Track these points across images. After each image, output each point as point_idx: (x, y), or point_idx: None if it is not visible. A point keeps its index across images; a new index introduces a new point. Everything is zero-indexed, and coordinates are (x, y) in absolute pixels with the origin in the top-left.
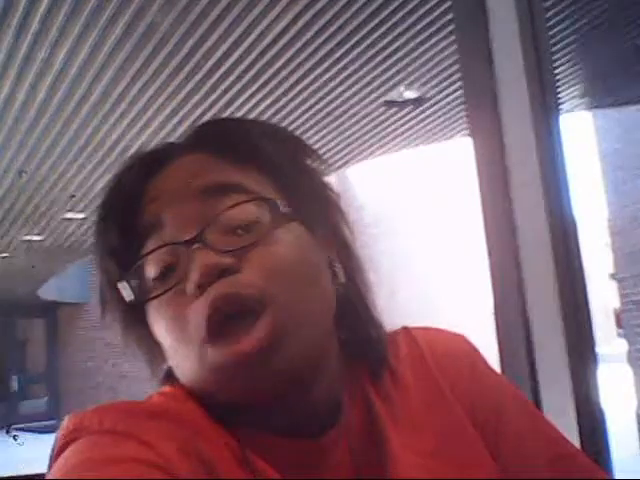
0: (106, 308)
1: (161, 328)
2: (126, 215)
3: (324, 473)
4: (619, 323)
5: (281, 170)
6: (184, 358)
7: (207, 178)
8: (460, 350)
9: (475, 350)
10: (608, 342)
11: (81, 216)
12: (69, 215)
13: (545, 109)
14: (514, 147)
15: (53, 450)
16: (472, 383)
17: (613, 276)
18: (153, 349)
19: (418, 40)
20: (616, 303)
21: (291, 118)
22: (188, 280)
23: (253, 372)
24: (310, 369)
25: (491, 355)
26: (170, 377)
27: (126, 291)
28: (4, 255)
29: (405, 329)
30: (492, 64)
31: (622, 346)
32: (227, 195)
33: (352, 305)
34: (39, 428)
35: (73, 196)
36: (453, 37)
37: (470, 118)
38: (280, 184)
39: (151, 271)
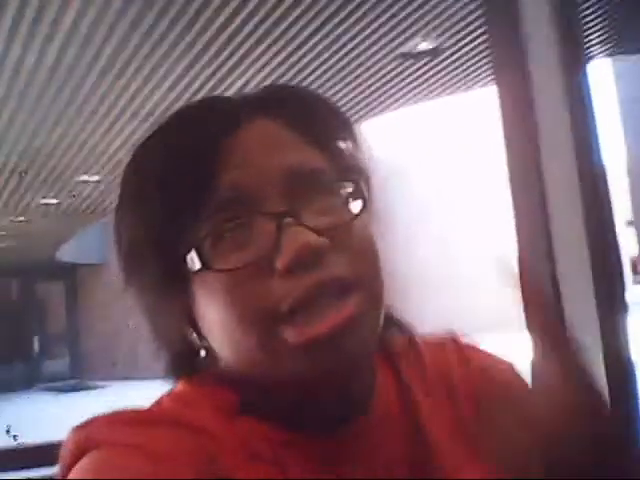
0: (138, 270)
1: (221, 301)
2: (195, 173)
3: (352, 465)
4: (635, 269)
5: (339, 152)
6: (248, 333)
7: (291, 156)
8: (510, 381)
9: (524, 382)
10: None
11: (96, 178)
12: (84, 177)
13: (574, 54)
14: (542, 94)
15: (61, 465)
16: (517, 418)
17: (631, 222)
18: (182, 323)
19: None
20: (634, 250)
21: (305, 73)
22: (279, 257)
23: (331, 353)
24: (369, 354)
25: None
26: (189, 361)
27: (194, 257)
28: (21, 219)
29: (454, 340)
30: (518, 12)
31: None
32: (312, 177)
33: None
34: (61, 387)
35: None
36: None
37: (495, 67)
38: (337, 165)
39: (217, 238)
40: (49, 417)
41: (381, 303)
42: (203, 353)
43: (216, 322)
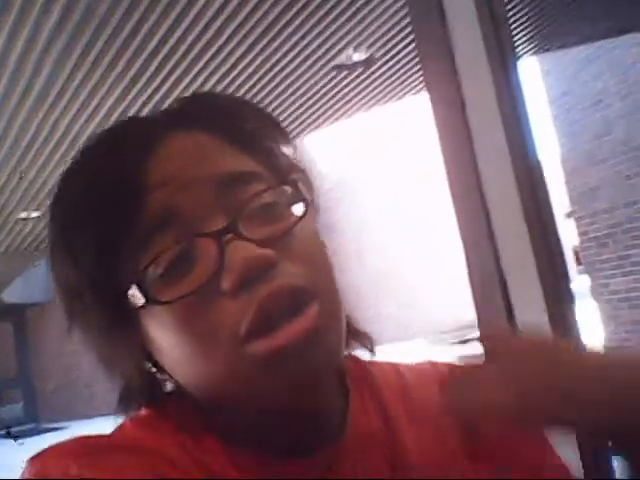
0: (80, 311)
1: (175, 331)
2: (120, 201)
3: None
4: (579, 260)
5: (272, 155)
6: (209, 360)
7: (220, 164)
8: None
9: None
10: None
11: (36, 214)
12: (23, 215)
13: (502, 53)
14: (473, 96)
15: None
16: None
17: (570, 214)
18: (138, 358)
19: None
20: (574, 241)
21: (242, 91)
22: (225, 276)
23: (298, 362)
24: (336, 367)
25: (468, 313)
26: (148, 392)
27: (136, 292)
28: None
29: (433, 365)
30: (444, 15)
31: (584, 282)
32: (246, 183)
33: None
34: (17, 433)
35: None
36: None
37: (425, 72)
38: (272, 169)
39: (157, 268)
40: (7, 465)
41: (341, 311)
42: (169, 386)
43: (173, 352)
